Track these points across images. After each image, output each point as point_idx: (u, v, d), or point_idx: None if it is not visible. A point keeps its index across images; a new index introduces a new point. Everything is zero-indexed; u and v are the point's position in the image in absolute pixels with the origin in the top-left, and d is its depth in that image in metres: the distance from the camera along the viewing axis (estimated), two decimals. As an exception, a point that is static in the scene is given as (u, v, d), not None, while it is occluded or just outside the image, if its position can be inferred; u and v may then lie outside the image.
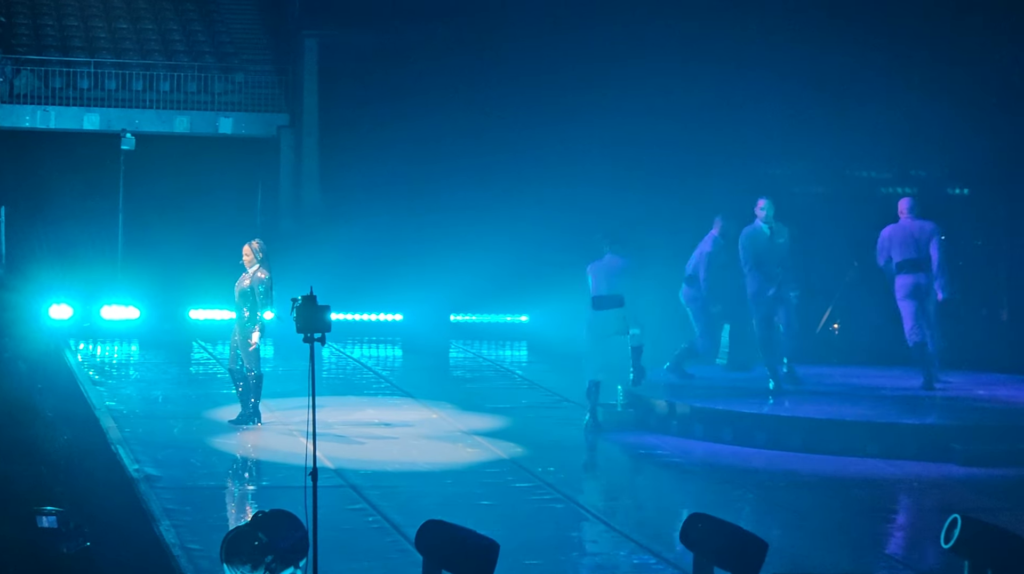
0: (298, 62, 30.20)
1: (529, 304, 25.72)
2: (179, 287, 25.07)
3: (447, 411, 17.80)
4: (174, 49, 31.39)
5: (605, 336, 16.39)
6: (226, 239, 26.99)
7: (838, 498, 13.98)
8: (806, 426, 15.88)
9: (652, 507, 13.93)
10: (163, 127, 29.77)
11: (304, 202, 29.67)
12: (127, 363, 22.61)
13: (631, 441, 16.22)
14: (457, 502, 13.21)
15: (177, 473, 14.19)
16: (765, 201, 17.00)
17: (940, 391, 17.61)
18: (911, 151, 22.08)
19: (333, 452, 14.78)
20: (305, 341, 9.80)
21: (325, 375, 21.03)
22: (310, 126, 29.95)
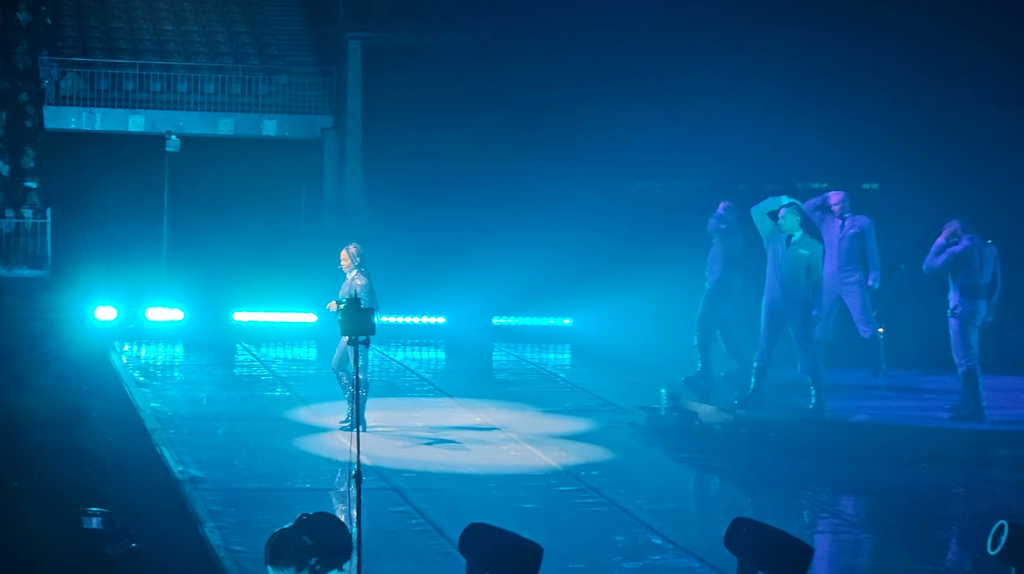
0: (341, 64, 30.24)
1: (572, 307, 25.68)
2: (223, 289, 25.15)
3: (490, 414, 17.79)
4: (218, 51, 31.50)
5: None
6: (270, 241, 27.19)
7: (885, 503, 13.91)
8: (852, 431, 15.82)
9: (696, 511, 13.90)
10: (207, 129, 29.87)
11: (347, 204, 29.72)
12: (171, 365, 22.68)
13: (675, 445, 16.17)
14: (500, 505, 13.20)
15: (221, 475, 14.22)
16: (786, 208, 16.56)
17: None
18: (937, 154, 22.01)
19: (377, 454, 14.78)
20: (350, 343, 9.80)
21: (369, 378, 21.02)
22: (353, 128, 29.99)
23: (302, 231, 29.53)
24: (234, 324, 25.13)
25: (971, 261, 15.93)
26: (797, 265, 16.16)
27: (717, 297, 18.06)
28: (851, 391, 17.67)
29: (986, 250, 16.08)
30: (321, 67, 30.95)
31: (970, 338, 15.94)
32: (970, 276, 15.91)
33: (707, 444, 16.18)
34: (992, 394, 16.41)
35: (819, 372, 16.26)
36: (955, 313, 15.91)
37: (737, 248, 18.06)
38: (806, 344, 16.22)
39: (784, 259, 16.20)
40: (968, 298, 15.88)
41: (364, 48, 30.04)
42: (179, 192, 27.04)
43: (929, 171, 22.02)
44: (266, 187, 28.91)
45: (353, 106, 30.05)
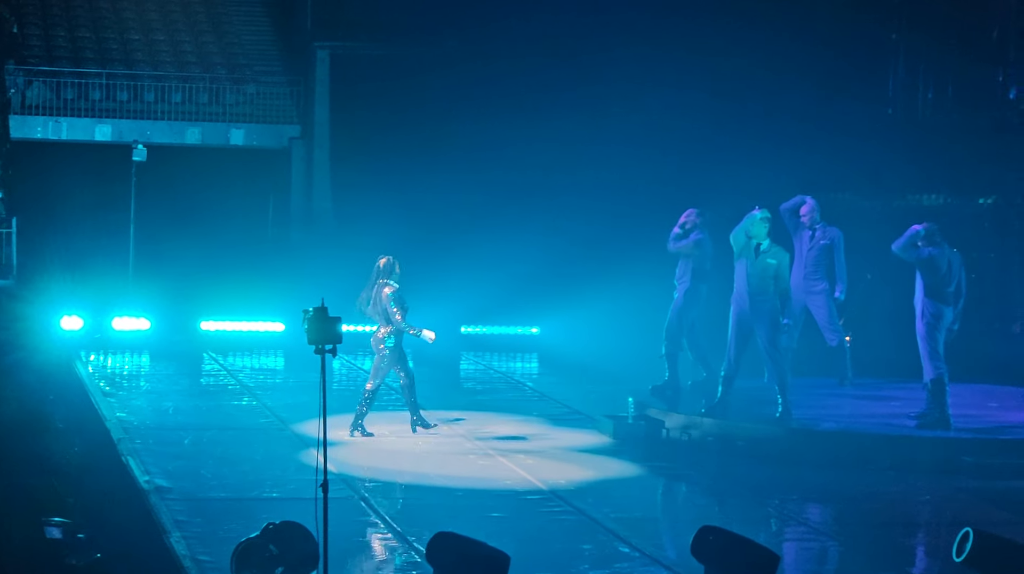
0: (309, 73, 30.21)
1: (540, 316, 25.70)
2: (190, 298, 25.10)
3: (457, 423, 17.78)
4: (186, 60, 31.43)
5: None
6: (237, 250, 27.13)
7: (851, 511, 13.95)
8: (819, 439, 15.85)
9: (663, 520, 13.91)
10: (175, 138, 29.79)
11: (315, 213, 29.68)
12: (138, 374, 22.61)
13: (642, 453, 16.17)
14: (468, 514, 13.18)
15: (187, 484, 14.17)
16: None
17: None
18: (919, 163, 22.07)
19: (344, 463, 14.75)
20: (316, 353, 9.78)
21: (336, 387, 21.02)
22: (321, 137, 29.95)
23: (269, 240, 29.48)
24: (201, 333, 25.07)
25: (939, 267, 16.00)
26: (765, 274, 16.20)
27: (685, 307, 18.09)
28: (818, 399, 17.72)
29: (953, 258, 16.15)
30: (289, 77, 30.90)
31: (937, 345, 16.00)
32: (937, 282, 15.98)
33: (674, 453, 16.19)
34: (958, 402, 16.47)
35: (786, 381, 16.29)
36: (923, 317, 15.97)
37: (707, 258, 18.09)
38: (773, 353, 16.26)
39: (752, 269, 16.23)
40: (935, 302, 15.96)
41: (332, 58, 30.00)
42: (146, 201, 26.97)
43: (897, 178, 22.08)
44: (233, 196, 28.84)
45: (321, 115, 30.01)
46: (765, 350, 16.26)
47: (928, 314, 15.95)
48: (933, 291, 15.99)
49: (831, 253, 18.47)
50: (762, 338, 16.24)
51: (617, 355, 22.19)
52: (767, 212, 16.38)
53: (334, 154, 29.70)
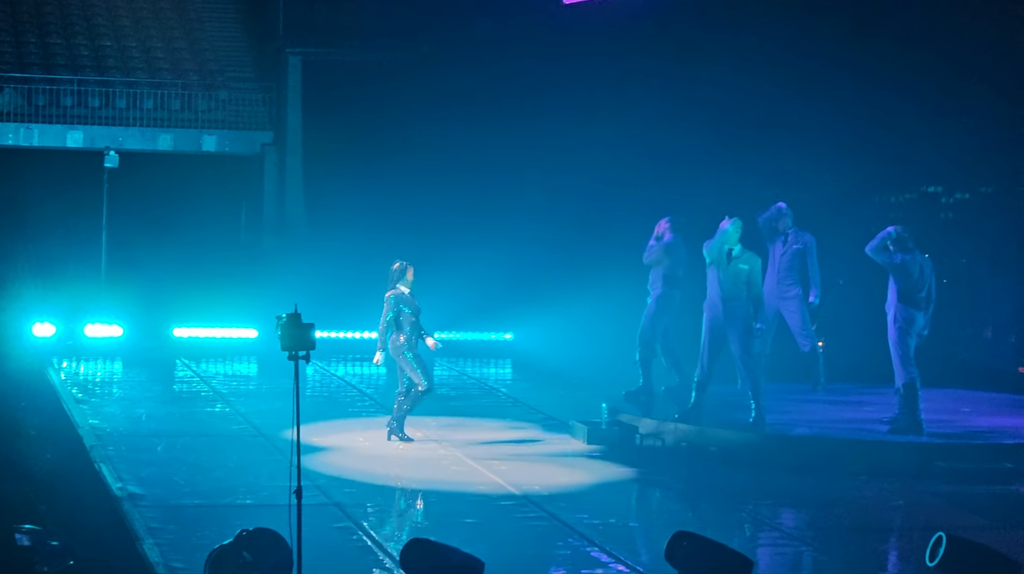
0: (282, 80, 30.17)
1: (514, 322, 25.72)
2: (163, 305, 25.07)
3: (431, 429, 17.76)
4: (158, 67, 31.36)
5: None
6: (210, 257, 27.09)
7: (824, 516, 13.98)
8: (792, 444, 15.89)
9: (637, 525, 13.92)
10: (147, 145, 29.71)
11: (288, 219, 29.64)
12: (110, 381, 22.56)
13: (616, 459, 16.19)
14: (442, 520, 13.19)
15: (161, 491, 14.15)
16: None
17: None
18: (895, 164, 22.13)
19: (317, 470, 14.73)
20: (290, 359, 9.78)
21: (309, 393, 21.00)
22: (294, 143, 29.91)
23: (242, 246, 29.44)
24: (174, 340, 25.04)
25: (911, 273, 16.05)
26: (738, 279, 16.23)
27: (658, 313, 18.12)
28: (791, 404, 17.75)
29: (925, 263, 16.21)
30: (261, 83, 30.86)
31: (909, 351, 16.04)
32: (910, 287, 16.03)
33: (648, 458, 16.21)
34: (930, 407, 16.52)
35: (759, 386, 16.32)
36: (895, 322, 16.02)
37: (679, 264, 18.12)
38: (746, 359, 16.28)
39: (725, 274, 16.25)
40: (907, 307, 16.01)
41: (304, 64, 29.97)
42: (118, 208, 26.91)
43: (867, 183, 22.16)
44: (206, 202, 28.79)
45: (293, 122, 29.97)
46: (738, 356, 16.29)
47: (900, 319, 15.99)
48: (905, 296, 16.03)
49: (804, 258, 18.52)
50: (735, 344, 16.26)
51: (591, 361, 22.22)
52: (738, 221, 16.40)
53: (307, 160, 29.67)
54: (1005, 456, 15.53)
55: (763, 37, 22.42)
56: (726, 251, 16.25)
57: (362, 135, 27.93)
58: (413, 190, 27.08)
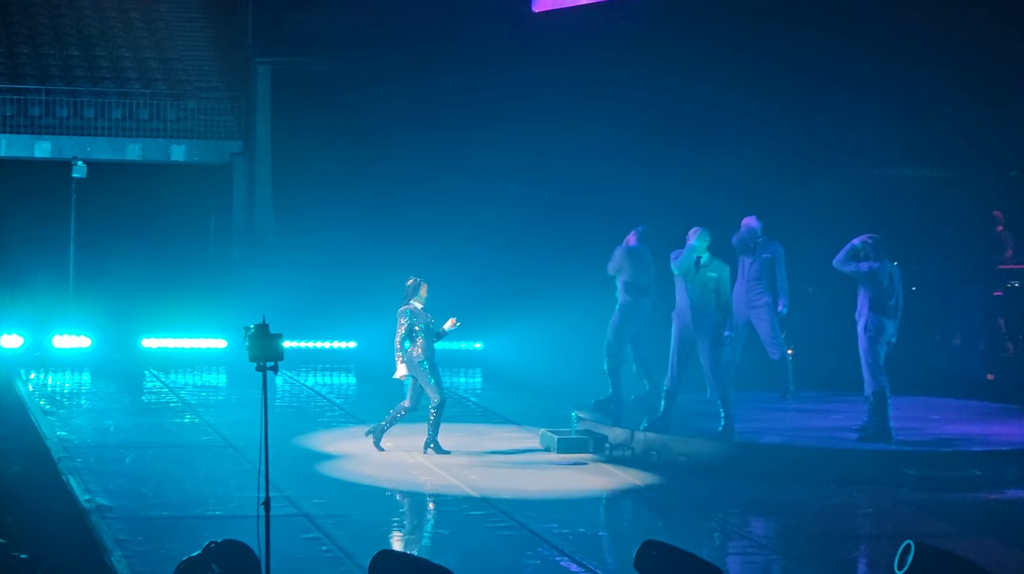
0: (251, 89, 30.11)
1: (484, 331, 25.68)
2: (131, 315, 24.99)
3: (400, 438, 17.73)
4: (126, 77, 31.26)
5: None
6: (179, 267, 27.00)
7: (794, 525, 14.00)
8: (761, 452, 15.91)
9: (607, 534, 13.92)
10: (115, 155, 29.61)
11: (257, 229, 29.57)
12: (79, 393, 22.47)
13: (585, 467, 16.20)
14: (411, 530, 13.18)
15: (129, 503, 14.09)
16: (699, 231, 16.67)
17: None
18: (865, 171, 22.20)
19: (287, 480, 14.69)
20: (258, 370, 9.75)
21: (279, 404, 20.94)
22: (263, 153, 29.85)
23: (211, 256, 29.36)
24: (142, 351, 24.96)
25: (881, 281, 16.08)
26: (706, 288, 16.23)
27: (622, 322, 18.14)
28: (760, 413, 17.78)
29: (894, 271, 16.25)
30: (230, 92, 30.79)
31: (879, 358, 16.07)
32: (879, 295, 16.06)
33: (618, 467, 16.21)
34: (899, 414, 16.56)
35: (728, 395, 16.33)
36: (865, 330, 16.04)
37: (645, 273, 18.14)
38: (715, 367, 16.28)
39: (694, 283, 16.26)
40: (877, 315, 16.03)
41: (273, 73, 29.91)
42: (86, 218, 26.79)
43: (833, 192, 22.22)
44: (175, 212, 28.71)
45: (262, 131, 29.90)
46: (707, 365, 16.29)
47: (871, 327, 16.02)
48: (875, 305, 16.06)
49: (773, 267, 18.56)
50: (704, 353, 16.27)
51: (561, 370, 22.23)
52: (706, 231, 16.39)
53: (276, 170, 29.61)
54: (974, 463, 15.57)
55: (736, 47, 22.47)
56: (694, 260, 16.26)
57: (331, 145, 27.90)
58: (383, 200, 27.06)
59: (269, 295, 22.88)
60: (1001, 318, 21.76)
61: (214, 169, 30.09)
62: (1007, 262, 21.93)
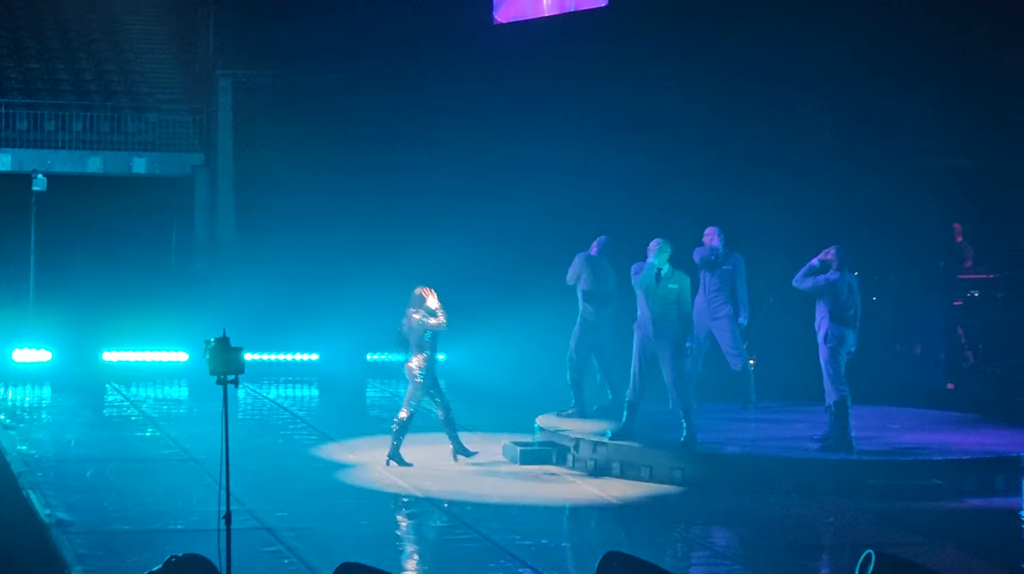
0: (212, 101, 30.06)
1: (446, 342, 25.62)
2: (93, 329, 24.89)
3: (364, 450, 17.72)
4: (87, 89, 31.17)
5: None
6: (140, 280, 26.92)
7: (756, 535, 14.03)
8: (724, 463, 15.94)
9: (570, 545, 13.92)
10: (76, 167, 29.52)
11: (219, 241, 29.52)
12: (39, 407, 22.36)
13: (548, 478, 16.20)
14: (373, 543, 13.14)
15: (90, 517, 14.03)
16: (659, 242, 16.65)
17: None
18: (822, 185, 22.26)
19: (249, 493, 14.64)
20: (219, 383, 9.74)
21: (240, 417, 20.89)
22: (225, 165, 29.80)
23: (173, 269, 29.29)
24: (104, 364, 24.86)
25: (840, 292, 16.13)
26: (667, 300, 16.25)
27: (582, 333, 18.20)
28: (722, 423, 17.82)
29: (852, 281, 16.31)
30: (191, 104, 30.73)
31: (840, 368, 16.13)
32: (838, 306, 16.11)
33: (580, 478, 16.22)
34: (860, 424, 16.62)
35: (690, 406, 16.35)
36: (825, 340, 16.09)
37: (605, 282, 18.18)
38: (677, 379, 16.29)
39: (654, 295, 16.27)
40: (837, 326, 16.08)
41: (235, 85, 29.88)
42: (47, 231, 26.69)
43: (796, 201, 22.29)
44: (136, 225, 28.63)
45: (224, 143, 29.86)
46: (668, 376, 16.31)
47: (831, 338, 16.07)
48: (835, 315, 16.11)
49: (733, 279, 18.63)
50: (665, 364, 16.29)
51: (524, 380, 22.24)
52: (666, 242, 16.38)
53: (238, 182, 29.57)
54: (934, 473, 15.64)
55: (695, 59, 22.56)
56: (655, 273, 16.27)
57: (294, 157, 27.85)
58: (345, 211, 27.05)
59: (231, 307, 22.87)
60: (961, 328, 21.87)
61: (176, 181, 30.02)
62: (967, 272, 22.05)
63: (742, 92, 22.07)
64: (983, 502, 15.26)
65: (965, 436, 17.43)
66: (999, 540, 13.85)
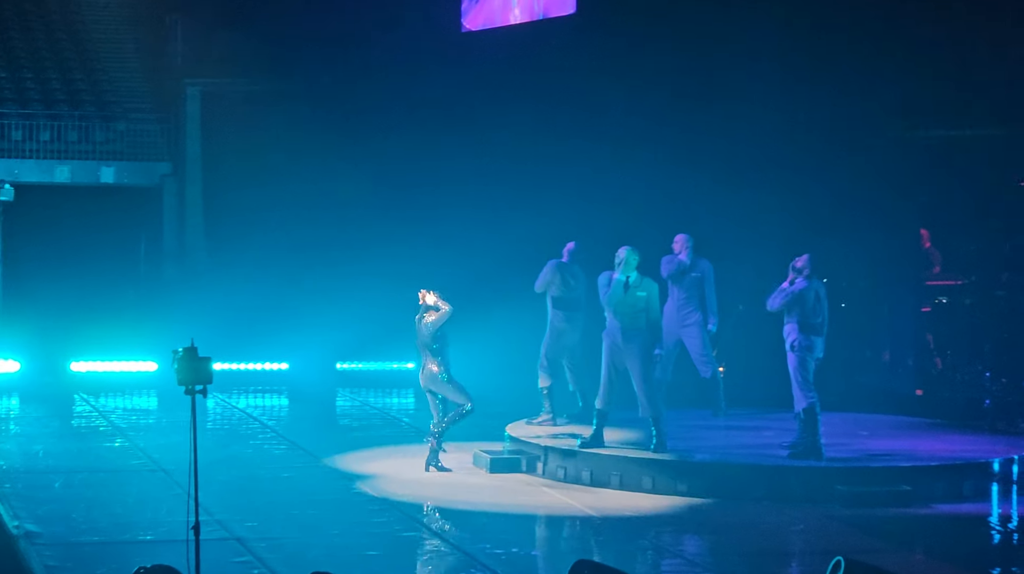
0: (180, 110, 29.99)
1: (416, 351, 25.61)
2: (61, 339, 24.81)
3: (333, 460, 17.70)
4: (54, 98, 31.06)
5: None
6: (109, 289, 26.85)
7: (726, 542, 14.05)
8: (694, 470, 15.96)
9: (540, 554, 13.92)
10: (44, 177, 29.40)
11: (188, 251, 29.44)
12: (7, 417, 22.27)
13: (519, 487, 16.20)
14: (344, 553, 13.12)
15: (59, 529, 13.98)
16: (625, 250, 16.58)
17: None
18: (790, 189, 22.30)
19: (217, 504, 14.60)
20: (187, 393, 9.71)
21: (210, 426, 20.84)
22: (193, 174, 29.72)
23: (142, 279, 29.20)
24: (72, 374, 24.77)
25: (808, 300, 16.17)
26: (636, 308, 16.25)
27: (551, 341, 18.22)
28: (692, 431, 17.84)
29: (820, 288, 16.35)
30: (159, 114, 30.66)
31: (809, 375, 16.16)
32: (805, 314, 16.14)
33: (550, 485, 16.23)
34: (829, 431, 16.66)
35: (660, 413, 16.37)
36: (793, 348, 16.13)
37: (574, 289, 18.21)
38: (646, 386, 16.30)
39: (622, 305, 16.27)
40: (805, 333, 16.12)
41: (203, 94, 29.81)
42: (14, 241, 26.62)
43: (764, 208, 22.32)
44: (105, 235, 28.55)
45: (192, 152, 29.78)
46: (637, 384, 16.32)
47: (799, 346, 16.10)
48: (803, 323, 16.15)
49: (702, 285, 18.67)
50: (634, 372, 16.29)
51: (495, 389, 22.20)
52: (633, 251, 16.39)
53: (207, 191, 29.49)
54: (903, 479, 15.68)
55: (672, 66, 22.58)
56: (623, 281, 16.28)
57: (262, 165, 27.80)
58: (313, 220, 27.01)
59: (200, 317, 22.83)
60: (929, 334, 21.94)
61: (144, 191, 29.94)
62: (935, 278, 22.12)
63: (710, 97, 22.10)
64: (952, 508, 15.32)
65: (934, 442, 17.49)
66: (968, 546, 13.90)
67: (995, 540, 14.57)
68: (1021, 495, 16.13)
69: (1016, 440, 17.75)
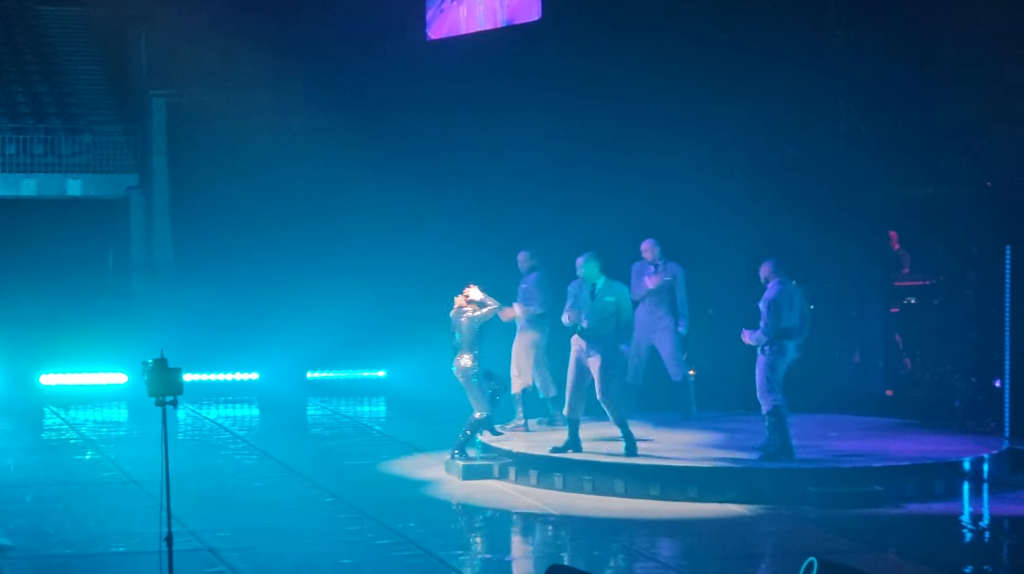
0: (146, 122, 29.94)
1: (386, 359, 25.67)
2: (30, 352, 24.71)
3: (305, 469, 17.68)
4: (19, 111, 30.96)
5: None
6: (77, 303, 26.77)
7: (698, 544, 14.08)
8: (665, 473, 15.98)
9: (514, 559, 13.93)
10: (9, 191, 29.33)
11: (156, 262, 29.38)
12: (-24, 432, 22.18)
13: (493, 493, 16.21)
14: (317, 562, 13.11)
15: (30, 542, 13.93)
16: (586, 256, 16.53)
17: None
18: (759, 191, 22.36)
19: (191, 515, 14.57)
20: (157, 405, 9.71)
21: (181, 437, 20.79)
22: (160, 185, 29.68)
23: (110, 291, 29.15)
24: (41, 388, 24.68)
25: (781, 304, 16.17)
26: (605, 313, 16.22)
27: (523, 346, 18.25)
28: (663, 433, 17.87)
29: (794, 291, 16.35)
30: (125, 126, 30.59)
31: (777, 376, 16.16)
32: (779, 318, 16.14)
33: (523, 492, 16.24)
34: (800, 432, 16.71)
35: (625, 417, 16.39)
36: (764, 351, 16.14)
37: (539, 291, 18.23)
38: (609, 392, 16.27)
39: (591, 312, 16.25)
40: (778, 336, 16.12)
41: (169, 106, 29.78)
42: (-20, 256, 26.53)
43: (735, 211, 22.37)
44: (72, 247, 28.50)
45: (159, 164, 29.75)
46: (601, 390, 16.28)
47: (770, 350, 16.09)
48: (776, 325, 16.13)
49: (673, 289, 18.71)
50: (598, 378, 16.26)
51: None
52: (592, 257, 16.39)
53: (174, 202, 29.45)
54: (874, 479, 15.74)
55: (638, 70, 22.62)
56: (589, 288, 16.28)
57: (229, 176, 27.76)
58: (282, 230, 26.98)
59: (170, 328, 22.79)
60: (899, 334, 22.02)
61: (111, 203, 29.89)
62: (904, 279, 22.20)
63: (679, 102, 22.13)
64: (923, 507, 15.38)
65: (904, 442, 17.56)
66: (939, 545, 13.96)
67: (966, 538, 14.66)
68: (992, 494, 16.21)
69: (986, 439, 17.83)
